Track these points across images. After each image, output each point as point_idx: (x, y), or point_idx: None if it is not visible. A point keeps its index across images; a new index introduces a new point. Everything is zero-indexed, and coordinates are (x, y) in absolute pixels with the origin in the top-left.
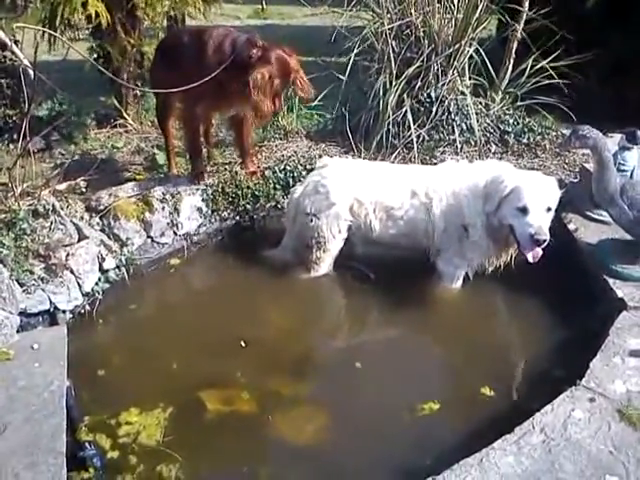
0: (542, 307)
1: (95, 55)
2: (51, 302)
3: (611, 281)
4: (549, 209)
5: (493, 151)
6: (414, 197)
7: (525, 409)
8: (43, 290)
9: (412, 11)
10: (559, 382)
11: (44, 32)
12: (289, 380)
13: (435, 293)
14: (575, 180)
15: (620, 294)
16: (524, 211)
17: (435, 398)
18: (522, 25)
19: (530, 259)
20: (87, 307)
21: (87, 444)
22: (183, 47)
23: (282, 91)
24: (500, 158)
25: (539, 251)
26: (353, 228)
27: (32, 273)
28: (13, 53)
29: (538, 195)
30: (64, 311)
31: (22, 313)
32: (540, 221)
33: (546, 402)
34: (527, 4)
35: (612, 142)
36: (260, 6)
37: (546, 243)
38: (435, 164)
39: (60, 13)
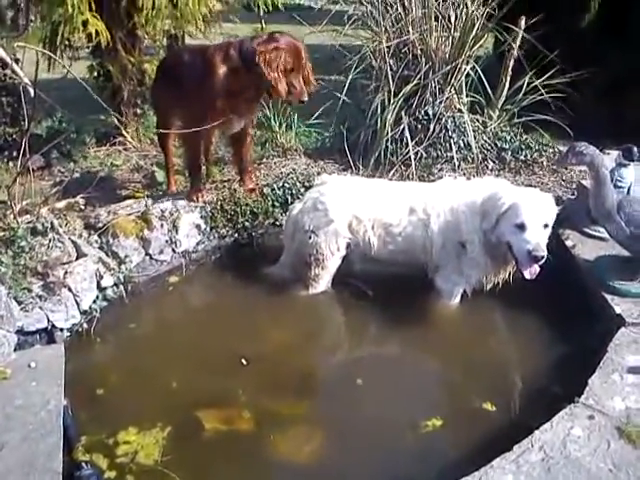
0: (540, 324)
1: (95, 73)
2: (49, 320)
3: (609, 297)
4: (546, 225)
5: (490, 168)
6: (412, 214)
7: (524, 426)
8: (41, 308)
9: (410, 30)
10: (558, 399)
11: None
12: (290, 398)
13: (433, 310)
14: (572, 197)
15: (618, 310)
16: (522, 228)
17: (436, 415)
18: (518, 43)
19: (527, 276)
20: (85, 325)
21: (84, 464)
22: (185, 65)
23: (296, 72)
24: (497, 175)
25: (536, 268)
26: (351, 245)
27: (30, 291)
28: (13, 71)
29: (535, 212)
30: (62, 329)
31: (19, 331)
32: (538, 238)
33: (545, 419)
34: (523, 23)
35: (609, 159)
36: (259, 25)
37: (544, 260)
38: (433, 181)
39: (61, 32)
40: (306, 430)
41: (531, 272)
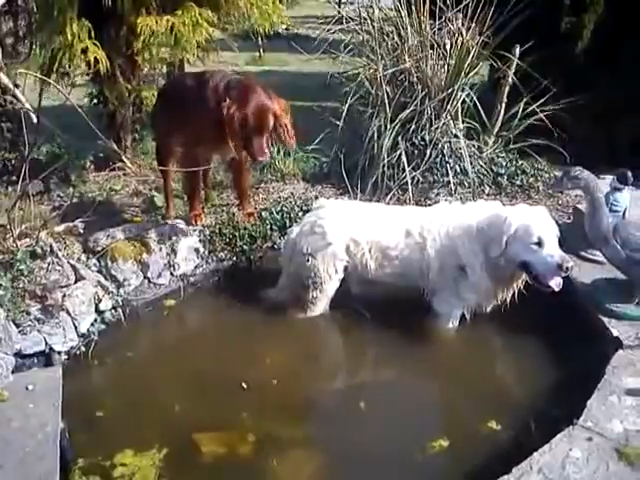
0: (538, 346)
1: (94, 100)
2: (47, 343)
3: (606, 320)
4: (557, 236)
5: (487, 193)
6: (408, 237)
7: (523, 448)
8: (39, 331)
9: (406, 57)
10: (556, 421)
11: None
12: (291, 422)
13: (432, 333)
14: (568, 221)
15: (615, 333)
16: (540, 244)
17: (443, 436)
18: (513, 70)
19: (555, 288)
20: (83, 348)
21: None
22: (183, 90)
23: (259, 133)
24: (494, 199)
25: (560, 279)
26: (349, 268)
27: (28, 314)
28: (15, 97)
29: (547, 226)
30: (59, 352)
31: (17, 354)
32: (558, 249)
33: (544, 441)
34: (517, 50)
35: (604, 183)
36: (257, 53)
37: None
38: (429, 205)
39: (60, 59)
40: (310, 454)
41: (558, 283)
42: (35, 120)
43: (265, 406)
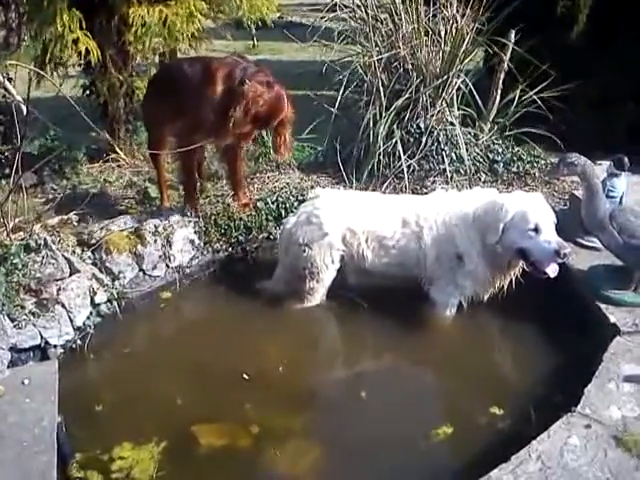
0: (536, 334)
1: (87, 91)
2: (42, 337)
3: (603, 306)
4: (554, 222)
5: (483, 180)
6: (405, 226)
7: (521, 436)
8: (34, 325)
9: (400, 44)
10: (555, 408)
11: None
12: (292, 413)
13: (429, 321)
14: (565, 207)
15: (613, 319)
16: (537, 231)
17: (441, 424)
18: (508, 56)
19: (551, 274)
20: (78, 342)
21: None
22: (179, 77)
23: (261, 125)
24: (490, 187)
25: (557, 266)
26: (346, 258)
27: (23, 308)
28: (6, 90)
29: (544, 212)
30: (55, 346)
31: (13, 348)
32: (555, 235)
33: (542, 429)
34: (513, 36)
35: (600, 169)
36: (251, 42)
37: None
38: (426, 193)
39: (51, 50)
40: (311, 445)
41: (554, 269)
42: (25, 112)
43: (265, 397)
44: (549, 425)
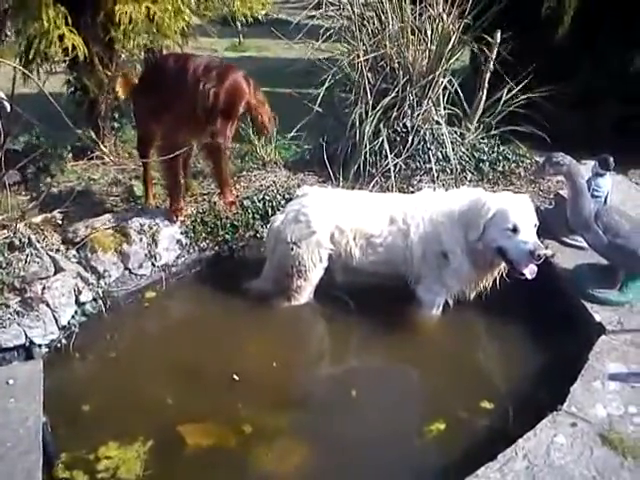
0: (521, 333)
1: (72, 88)
2: (27, 336)
3: (589, 305)
4: (535, 225)
5: (469, 179)
6: (392, 224)
7: (507, 435)
8: (19, 324)
9: (387, 43)
10: (541, 407)
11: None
12: (282, 412)
13: (415, 320)
14: (550, 206)
15: (598, 318)
16: (515, 230)
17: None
18: (494, 56)
19: (529, 275)
20: (63, 341)
21: None
22: (162, 74)
23: (226, 118)
24: (476, 186)
25: (534, 267)
26: (333, 256)
27: (7, 307)
28: None
29: (524, 213)
30: (40, 345)
31: None
32: (534, 237)
33: (528, 427)
34: (499, 35)
35: (585, 169)
36: (237, 39)
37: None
38: (412, 192)
39: (36, 46)
40: (300, 444)
41: (531, 271)
42: (9, 109)
43: (253, 396)
44: (535, 423)
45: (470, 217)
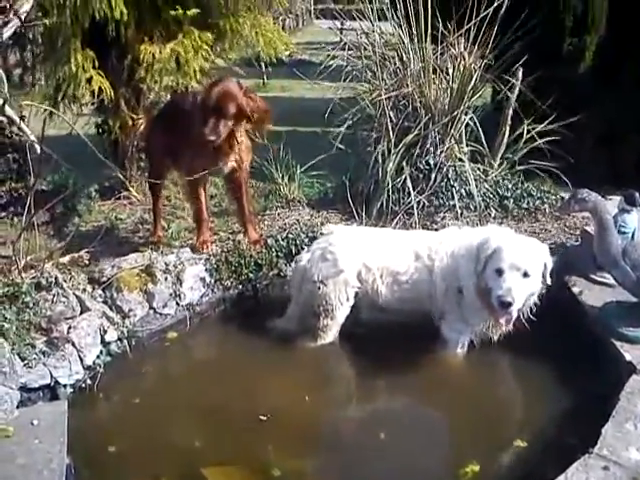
0: (550, 373)
1: (100, 129)
2: (52, 376)
3: (618, 344)
4: (526, 274)
5: (493, 216)
6: (418, 260)
7: (543, 476)
8: (44, 364)
9: (408, 82)
10: (572, 450)
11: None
12: (309, 455)
13: (441, 360)
14: (577, 243)
15: (629, 357)
16: (499, 273)
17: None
18: (516, 94)
19: (503, 324)
20: (88, 381)
21: None
22: (176, 111)
23: (217, 118)
24: (500, 223)
25: (512, 316)
26: (360, 294)
27: (34, 347)
28: (20, 129)
29: (515, 258)
30: (65, 385)
31: (22, 388)
32: (511, 284)
33: (559, 471)
34: (520, 74)
35: (611, 204)
36: (261, 80)
37: (515, 308)
38: (436, 229)
39: (64, 89)
40: None
41: (506, 320)
42: (39, 151)
43: (279, 438)
44: (566, 466)
45: (478, 252)
